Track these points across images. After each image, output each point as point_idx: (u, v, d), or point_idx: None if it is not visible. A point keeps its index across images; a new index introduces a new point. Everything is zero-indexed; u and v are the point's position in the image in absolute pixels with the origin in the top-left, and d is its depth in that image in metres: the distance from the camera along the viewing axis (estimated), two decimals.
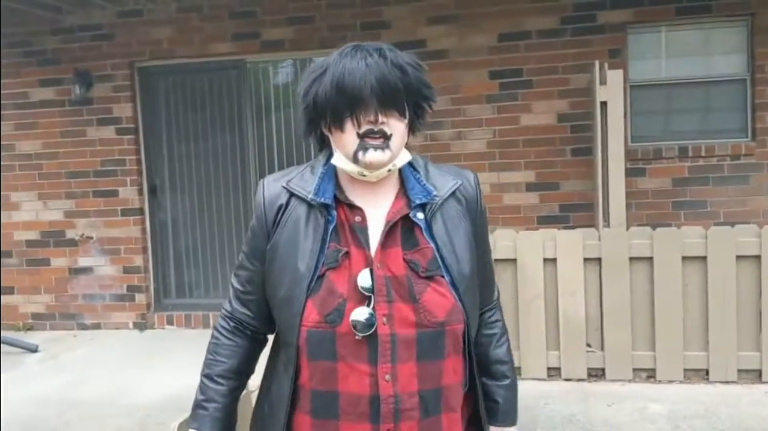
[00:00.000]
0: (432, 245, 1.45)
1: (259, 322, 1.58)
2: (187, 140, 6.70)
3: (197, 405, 1.60)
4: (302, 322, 1.41)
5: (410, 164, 1.52)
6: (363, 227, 1.45)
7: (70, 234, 6.80)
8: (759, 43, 5.77)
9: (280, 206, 1.49)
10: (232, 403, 1.60)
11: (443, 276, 1.43)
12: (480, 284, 1.54)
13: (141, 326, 6.66)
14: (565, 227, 5.33)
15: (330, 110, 1.40)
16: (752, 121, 5.86)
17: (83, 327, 6.78)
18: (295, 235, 1.46)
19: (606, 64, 5.16)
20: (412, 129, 1.49)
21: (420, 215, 1.46)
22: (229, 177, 6.63)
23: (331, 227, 1.45)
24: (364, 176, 1.44)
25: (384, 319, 1.38)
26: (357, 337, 1.38)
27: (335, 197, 1.47)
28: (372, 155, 1.40)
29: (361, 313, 1.38)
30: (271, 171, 6.58)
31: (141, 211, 6.72)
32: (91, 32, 6.64)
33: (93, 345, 6.25)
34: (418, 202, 1.46)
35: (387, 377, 1.38)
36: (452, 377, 1.45)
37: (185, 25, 6.51)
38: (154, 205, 6.78)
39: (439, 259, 1.44)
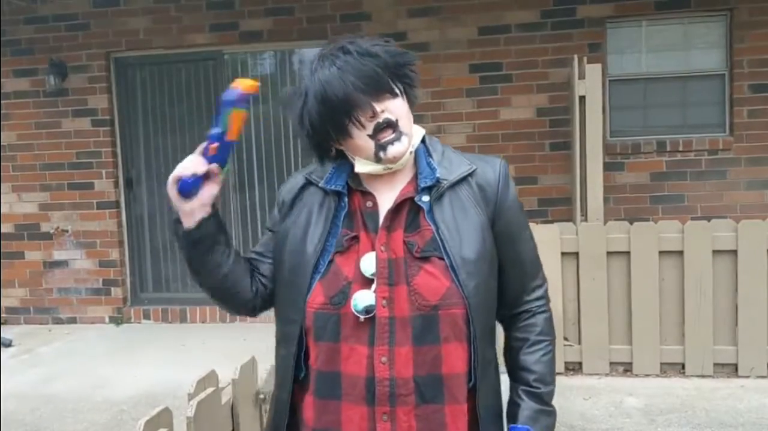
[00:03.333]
0: (432, 226, 1.43)
1: (261, 268, 1.56)
2: (164, 132, 6.63)
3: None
4: (308, 304, 1.43)
5: (426, 149, 1.52)
6: (373, 212, 1.46)
7: (45, 227, 6.71)
8: (737, 39, 5.81)
9: (296, 194, 1.53)
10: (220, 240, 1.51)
11: (441, 258, 1.41)
12: (509, 279, 1.51)
13: (117, 320, 6.60)
14: (543, 222, 5.33)
15: (330, 125, 1.40)
16: (730, 116, 5.90)
17: (58, 321, 6.71)
18: (307, 220, 1.49)
19: (585, 59, 5.16)
20: (409, 99, 1.47)
21: (425, 198, 1.45)
22: None
23: (342, 214, 1.47)
24: (390, 168, 1.45)
25: (384, 302, 1.39)
26: (360, 319, 1.39)
27: (348, 185, 1.48)
28: (392, 150, 1.40)
29: (366, 296, 1.39)
30: (249, 165, 6.58)
31: (117, 204, 6.65)
32: (67, 22, 6.55)
33: (68, 340, 6.18)
34: (423, 185, 1.45)
35: (383, 359, 1.38)
36: (455, 365, 1.42)
37: (162, 16, 6.43)
38: (130, 198, 6.72)
39: (438, 240, 1.42)
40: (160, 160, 6.65)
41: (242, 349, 1.63)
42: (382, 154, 1.41)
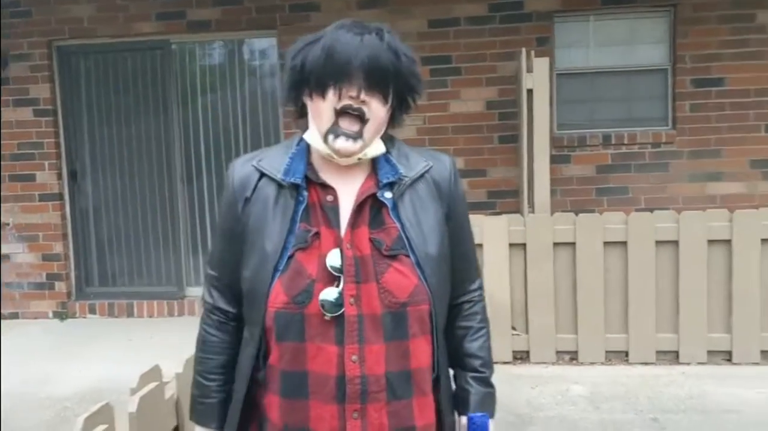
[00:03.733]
0: (398, 224, 1.44)
1: (238, 308, 1.53)
2: (110, 123, 6.49)
3: (195, 402, 1.59)
4: (269, 303, 1.40)
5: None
6: (334, 206, 1.44)
7: None
8: (680, 34, 5.93)
9: (250, 188, 1.48)
10: (228, 396, 1.55)
11: (408, 256, 1.42)
12: (456, 271, 1.53)
13: (62, 315, 6.45)
14: (492, 213, 5.38)
15: (315, 75, 1.39)
16: (673, 110, 6.03)
17: None
18: (263, 215, 1.45)
19: (533, 52, 5.21)
20: (393, 120, 1.48)
21: (388, 195, 1.45)
22: (153, 162, 6.46)
23: (301, 208, 1.44)
24: (332, 158, 1.43)
25: (351, 299, 1.38)
26: (326, 317, 1.37)
27: (306, 178, 1.46)
28: (341, 144, 1.39)
29: (329, 294, 1.38)
30: (197, 156, 6.49)
31: (60, 196, 6.49)
32: (7, 9, 6.34)
33: (10, 335, 6.01)
34: (385, 181, 1.45)
35: (354, 358, 1.38)
36: (421, 359, 1.44)
37: (107, 3, 6.28)
38: (74, 190, 6.56)
39: (404, 238, 1.43)
40: (106, 151, 6.51)
41: (190, 343, 1.60)
42: (331, 137, 1.40)
